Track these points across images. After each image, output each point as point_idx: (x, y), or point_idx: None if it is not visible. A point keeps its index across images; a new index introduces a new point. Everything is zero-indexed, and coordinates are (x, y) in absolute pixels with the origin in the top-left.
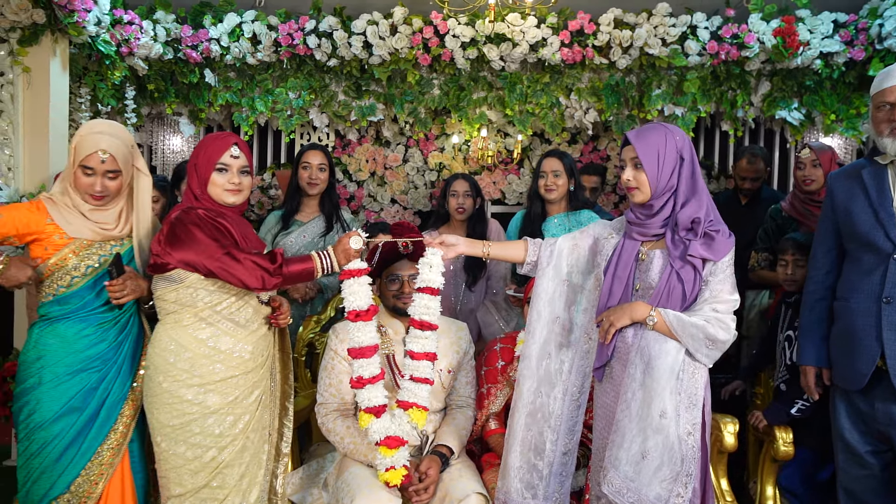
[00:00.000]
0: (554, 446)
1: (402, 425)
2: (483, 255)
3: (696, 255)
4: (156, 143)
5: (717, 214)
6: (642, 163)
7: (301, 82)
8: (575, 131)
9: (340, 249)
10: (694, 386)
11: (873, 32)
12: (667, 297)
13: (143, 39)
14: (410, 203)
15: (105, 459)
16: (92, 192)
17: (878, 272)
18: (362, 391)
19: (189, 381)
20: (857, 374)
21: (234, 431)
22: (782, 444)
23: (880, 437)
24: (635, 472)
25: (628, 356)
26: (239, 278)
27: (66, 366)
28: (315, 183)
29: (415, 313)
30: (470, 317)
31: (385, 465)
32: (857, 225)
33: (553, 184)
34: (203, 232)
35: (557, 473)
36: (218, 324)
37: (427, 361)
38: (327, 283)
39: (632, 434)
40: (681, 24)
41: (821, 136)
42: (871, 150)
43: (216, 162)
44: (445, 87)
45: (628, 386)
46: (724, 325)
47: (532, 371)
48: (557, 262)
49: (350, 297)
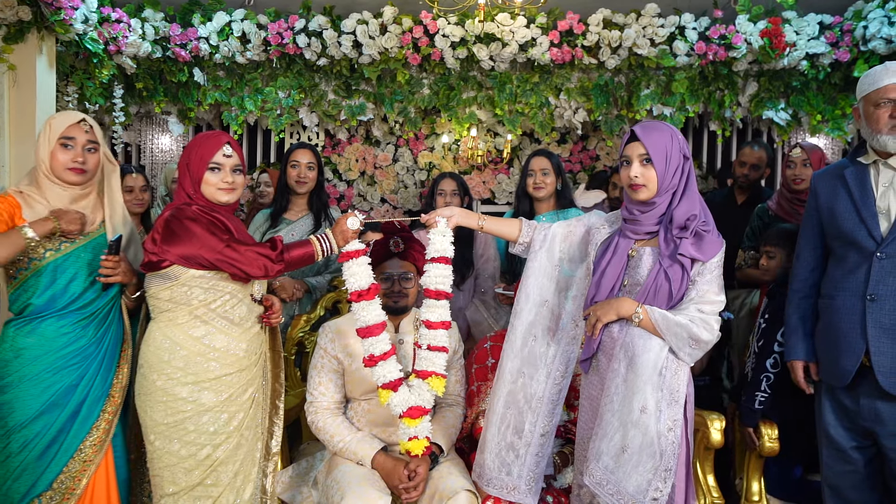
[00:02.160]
0: (533, 427)
1: (422, 394)
2: (478, 228)
3: (686, 255)
4: (144, 142)
5: (708, 215)
6: (653, 160)
7: (291, 81)
8: (564, 131)
9: (339, 231)
10: (676, 383)
11: (858, 34)
12: (653, 294)
13: (131, 38)
14: (400, 202)
15: (88, 455)
16: (73, 167)
17: (862, 270)
18: (376, 368)
19: (184, 378)
20: (843, 370)
21: (228, 429)
22: (767, 441)
23: (864, 433)
24: (615, 465)
25: (613, 350)
26: (241, 268)
27: (47, 364)
28: (304, 181)
29: (429, 283)
30: (459, 315)
31: (409, 435)
32: (841, 224)
33: (542, 182)
34: (200, 226)
35: (534, 454)
36: (212, 322)
37: (444, 330)
38: (315, 283)
39: (613, 427)
40: (669, 24)
41: (807, 137)
42: (854, 150)
43: (209, 161)
44: (435, 86)
45: (612, 380)
46: (708, 325)
47: (516, 351)
48: (550, 247)
49: (351, 278)
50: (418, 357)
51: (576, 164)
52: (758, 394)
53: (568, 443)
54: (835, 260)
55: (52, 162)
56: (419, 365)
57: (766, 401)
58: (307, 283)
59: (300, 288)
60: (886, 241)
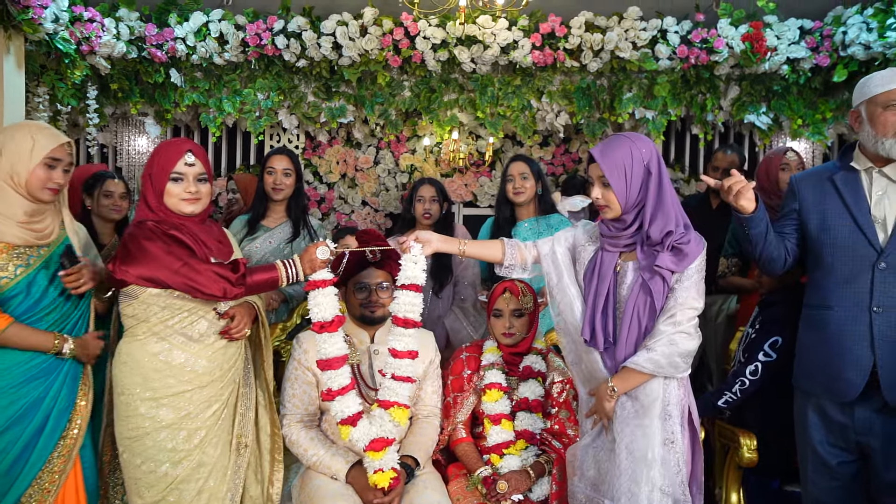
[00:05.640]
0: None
1: (384, 426)
2: (459, 253)
3: (664, 266)
4: (121, 143)
5: (686, 221)
6: (610, 182)
7: (270, 83)
8: (547, 134)
9: (307, 259)
10: (666, 397)
11: (837, 39)
12: (641, 309)
13: (104, 38)
14: (381, 205)
15: (56, 467)
16: (52, 186)
17: (863, 280)
18: (334, 403)
19: (142, 395)
20: (849, 385)
21: (187, 447)
22: (746, 451)
23: (853, 448)
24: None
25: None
26: (199, 289)
27: (11, 378)
28: (280, 188)
29: (398, 311)
30: (438, 323)
31: (374, 468)
32: (835, 231)
33: (521, 186)
34: (156, 245)
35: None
36: (170, 338)
37: (409, 359)
38: (293, 292)
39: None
40: (651, 28)
41: (788, 141)
42: (842, 155)
43: (170, 171)
44: (416, 88)
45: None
46: (689, 334)
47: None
48: (567, 270)
49: (315, 308)
50: (382, 386)
51: (558, 168)
52: (727, 393)
53: (543, 452)
54: (821, 269)
55: (30, 178)
56: (382, 395)
57: (731, 402)
58: (283, 292)
59: (277, 298)
60: (887, 250)
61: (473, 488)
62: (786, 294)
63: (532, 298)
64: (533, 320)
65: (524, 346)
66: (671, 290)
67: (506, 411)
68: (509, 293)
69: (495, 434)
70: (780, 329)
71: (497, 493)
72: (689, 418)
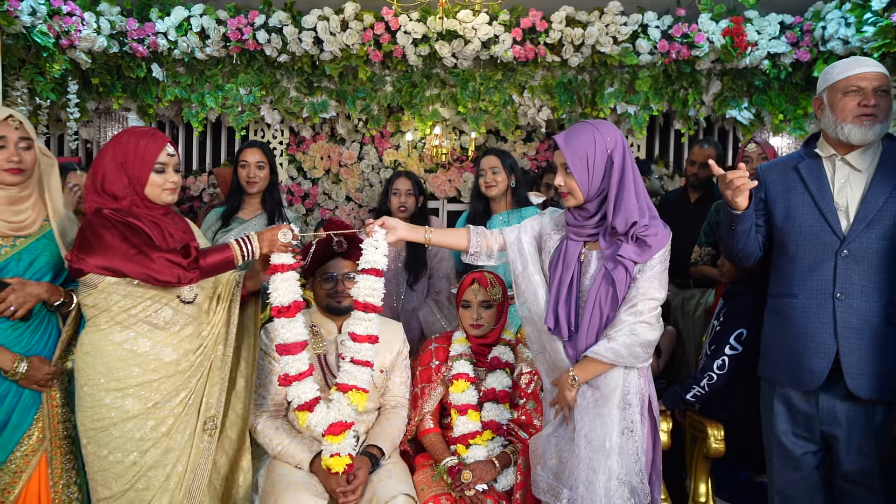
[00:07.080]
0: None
1: (342, 409)
2: (425, 242)
3: (626, 257)
4: (103, 138)
5: (652, 210)
6: (571, 169)
7: (252, 78)
8: (529, 129)
9: (266, 238)
10: (626, 386)
11: (817, 34)
12: (603, 298)
13: (84, 32)
14: (365, 201)
15: (18, 466)
16: (9, 167)
17: (826, 268)
18: (290, 388)
19: (107, 385)
20: (812, 373)
21: (155, 435)
22: (713, 442)
23: (817, 438)
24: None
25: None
26: (153, 276)
27: None
28: (254, 181)
29: (358, 295)
30: (412, 316)
31: (330, 452)
32: (800, 219)
33: (493, 181)
34: (112, 234)
35: None
36: (134, 326)
37: (369, 343)
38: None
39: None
40: (632, 22)
41: (770, 136)
42: (806, 144)
43: (154, 162)
44: (398, 83)
45: (582, 412)
46: (650, 324)
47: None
48: (532, 259)
49: (274, 292)
50: (340, 370)
51: (543, 163)
52: (695, 387)
53: (510, 443)
54: (786, 257)
55: None
56: (340, 378)
57: (700, 396)
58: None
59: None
60: (849, 238)
61: (439, 478)
62: (749, 285)
63: (501, 290)
64: (501, 311)
65: (492, 337)
66: (634, 280)
67: (473, 402)
68: (478, 284)
69: (462, 424)
70: (744, 321)
71: (461, 483)
72: (649, 408)
